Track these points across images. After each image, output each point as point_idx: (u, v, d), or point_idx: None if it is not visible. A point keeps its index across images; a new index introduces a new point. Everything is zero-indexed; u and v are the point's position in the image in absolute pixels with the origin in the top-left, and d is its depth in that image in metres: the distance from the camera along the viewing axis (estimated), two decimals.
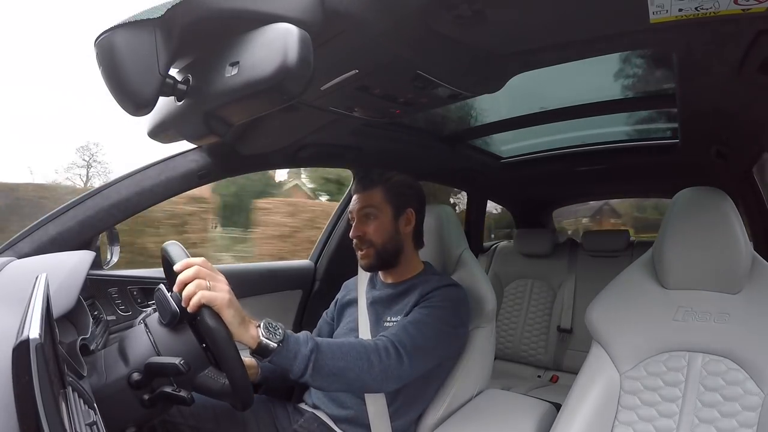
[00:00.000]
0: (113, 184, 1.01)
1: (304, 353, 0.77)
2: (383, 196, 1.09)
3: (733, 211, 0.88)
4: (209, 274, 0.71)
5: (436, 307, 0.98)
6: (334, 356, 0.81)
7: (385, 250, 1.08)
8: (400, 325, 0.95)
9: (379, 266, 1.11)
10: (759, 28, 0.64)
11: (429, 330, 0.94)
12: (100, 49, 0.52)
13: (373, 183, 1.10)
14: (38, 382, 0.38)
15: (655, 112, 1.48)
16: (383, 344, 0.88)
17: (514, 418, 1.04)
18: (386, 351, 0.86)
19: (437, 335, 0.96)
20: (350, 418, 1.02)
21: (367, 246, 1.08)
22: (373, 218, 1.08)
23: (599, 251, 2.21)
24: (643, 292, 0.95)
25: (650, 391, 0.89)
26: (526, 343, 2.22)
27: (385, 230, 1.08)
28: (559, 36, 0.73)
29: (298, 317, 1.51)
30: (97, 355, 0.73)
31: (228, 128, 0.62)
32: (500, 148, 1.84)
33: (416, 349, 0.90)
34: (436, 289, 1.02)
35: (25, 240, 0.92)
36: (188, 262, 0.72)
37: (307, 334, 0.81)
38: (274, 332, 0.75)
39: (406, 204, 1.11)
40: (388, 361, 0.86)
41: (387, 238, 1.08)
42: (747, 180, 1.56)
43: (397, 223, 1.09)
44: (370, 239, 1.07)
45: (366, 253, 1.08)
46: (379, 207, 1.08)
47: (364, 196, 1.10)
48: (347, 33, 0.65)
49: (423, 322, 0.95)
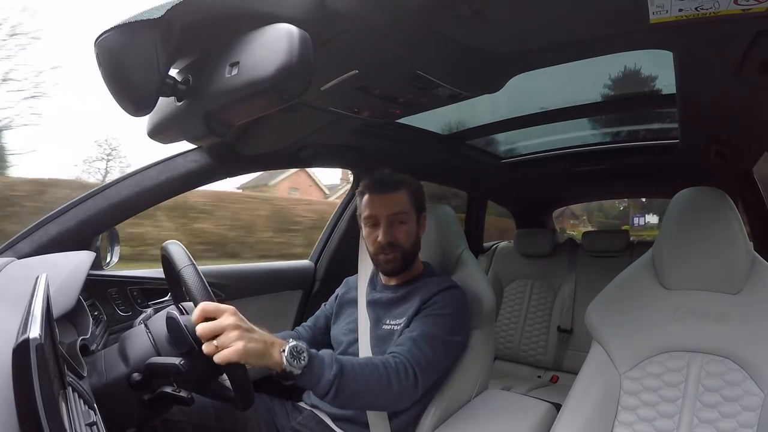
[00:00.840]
0: (113, 184, 1.01)
1: (327, 378, 0.78)
2: (409, 198, 1.07)
3: (733, 211, 0.88)
4: (232, 325, 0.69)
5: (441, 315, 0.98)
6: (356, 379, 0.81)
7: (410, 254, 1.07)
8: (411, 340, 0.93)
9: (402, 270, 1.09)
10: (759, 28, 0.64)
11: (438, 343, 0.95)
12: (101, 50, 0.53)
13: (398, 184, 1.07)
14: (38, 382, 0.38)
15: (655, 112, 1.48)
16: (402, 365, 0.88)
17: (514, 418, 1.04)
18: (405, 372, 0.87)
19: (444, 347, 0.97)
20: (348, 416, 1.02)
21: (395, 251, 1.05)
22: (403, 222, 1.05)
23: (599, 251, 2.21)
24: (643, 292, 0.95)
25: (650, 391, 0.89)
26: (526, 344, 2.22)
27: (413, 234, 1.07)
28: (559, 36, 0.73)
29: (298, 317, 1.51)
30: (97, 356, 0.73)
31: (228, 128, 0.62)
32: (500, 148, 1.84)
33: (429, 365, 0.92)
34: (437, 294, 1.02)
35: (25, 240, 0.92)
36: (217, 311, 0.69)
37: (331, 355, 0.81)
38: (298, 357, 0.75)
39: (423, 207, 1.11)
40: (406, 383, 0.87)
41: (413, 242, 1.07)
42: (747, 180, 1.56)
43: (418, 226, 1.09)
44: (401, 244, 1.05)
45: (392, 258, 1.05)
46: (407, 211, 1.06)
47: (390, 199, 1.06)
48: (347, 33, 0.65)
49: (432, 335, 0.95)
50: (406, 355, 0.90)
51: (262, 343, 0.71)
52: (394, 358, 0.89)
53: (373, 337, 1.07)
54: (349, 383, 0.80)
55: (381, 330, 1.06)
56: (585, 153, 1.75)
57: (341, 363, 0.81)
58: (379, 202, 1.06)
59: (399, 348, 0.93)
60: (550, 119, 1.43)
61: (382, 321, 1.07)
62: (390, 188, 1.06)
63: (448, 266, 1.23)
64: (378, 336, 1.06)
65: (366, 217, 1.08)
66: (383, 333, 1.06)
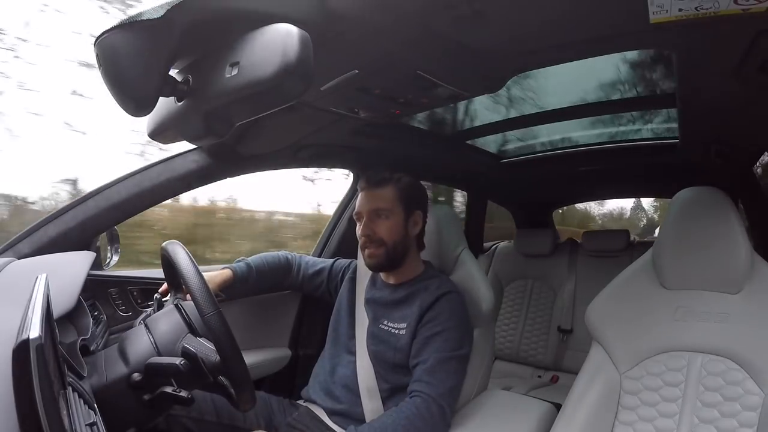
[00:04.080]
0: (113, 185, 1.01)
1: None
2: (395, 195, 1.07)
3: (733, 211, 0.88)
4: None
5: (446, 330, 0.99)
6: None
7: (395, 251, 1.07)
8: (428, 373, 0.95)
9: (386, 266, 1.09)
10: (759, 28, 0.64)
11: (453, 364, 0.98)
12: (101, 50, 0.52)
13: (384, 181, 1.08)
14: (38, 382, 0.38)
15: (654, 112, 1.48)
16: (425, 405, 0.92)
17: (514, 418, 1.04)
18: (429, 411, 0.91)
19: (459, 363, 1.00)
20: (344, 411, 1.03)
21: (377, 245, 1.06)
22: (385, 217, 1.06)
23: (599, 251, 2.21)
24: (643, 292, 0.95)
25: (650, 391, 0.89)
26: (527, 344, 2.22)
27: (396, 230, 1.07)
28: (559, 36, 0.73)
29: (298, 318, 1.51)
30: (97, 356, 0.73)
31: (228, 128, 0.62)
32: (500, 148, 1.84)
33: (451, 391, 0.96)
34: (437, 301, 1.02)
35: (25, 240, 0.92)
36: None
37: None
38: None
39: (415, 205, 1.10)
40: (434, 420, 0.91)
41: (397, 239, 1.07)
42: (747, 180, 1.56)
43: (406, 224, 1.08)
44: (381, 238, 1.06)
45: (375, 252, 1.06)
46: (390, 206, 1.07)
47: (375, 194, 1.07)
48: (347, 33, 0.65)
49: (445, 358, 0.97)
50: (428, 392, 0.93)
51: None
52: (418, 399, 0.93)
53: (370, 335, 1.08)
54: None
55: (378, 329, 1.07)
56: (585, 153, 1.75)
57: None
58: (364, 198, 1.09)
59: (419, 385, 0.95)
60: (550, 119, 1.43)
61: (380, 320, 1.08)
62: (375, 185, 1.08)
63: (448, 266, 1.23)
64: (375, 334, 1.07)
65: (354, 213, 1.11)
66: (381, 332, 1.07)
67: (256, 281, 1.17)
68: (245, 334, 1.24)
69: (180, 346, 0.72)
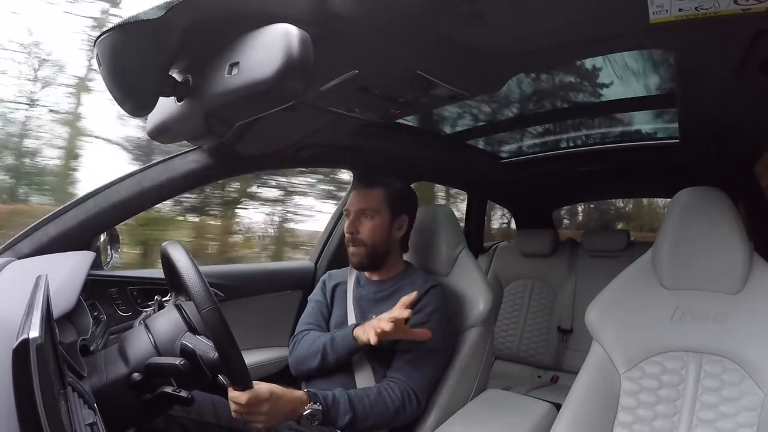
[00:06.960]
0: (113, 185, 1.01)
1: (341, 424, 0.92)
2: (383, 197, 1.12)
3: (733, 211, 0.88)
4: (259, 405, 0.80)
5: (433, 321, 1.04)
6: (367, 417, 0.95)
7: (376, 252, 1.11)
8: (409, 364, 1.02)
9: (367, 266, 1.14)
10: (759, 28, 0.64)
11: (433, 357, 1.05)
12: (101, 50, 0.53)
13: (375, 183, 1.13)
14: (38, 382, 0.38)
15: (654, 112, 1.48)
16: (406, 393, 0.99)
17: (514, 418, 1.04)
18: (409, 399, 0.99)
19: (439, 357, 1.06)
20: None
21: (359, 245, 1.11)
22: (370, 218, 1.11)
23: (599, 251, 2.21)
24: (643, 292, 0.95)
25: (650, 391, 0.88)
26: (526, 344, 2.22)
27: (378, 231, 1.11)
28: (559, 36, 0.73)
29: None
30: (97, 356, 0.73)
31: (228, 128, 0.62)
32: (500, 148, 1.84)
33: (428, 383, 1.04)
34: (426, 293, 1.07)
35: (25, 240, 0.92)
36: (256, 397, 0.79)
37: (346, 403, 0.93)
38: (312, 418, 0.89)
39: (402, 209, 1.15)
40: (410, 409, 0.99)
41: (379, 241, 1.11)
42: (747, 180, 1.56)
43: (391, 227, 1.13)
44: (363, 239, 1.10)
45: (357, 251, 1.11)
46: (377, 208, 1.11)
47: (364, 195, 1.12)
48: (347, 33, 0.65)
49: (426, 351, 1.02)
50: (407, 381, 1.00)
51: (283, 409, 0.85)
52: (397, 387, 0.99)
53: None
54: (361, 422, 0.94)
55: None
56: (585, 153, 1.75)
57: (354, 405, 0.93)
58: (354, 197, 1.14)
59: (398, 373, 1.01)
60: (550, 119, 1.43)
61: (367, 316, 1.10)
62: (366, 185, 1.14)
63: (447, 265, 1.23)
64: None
65: (344, 209, 1.16)
66: None
67: None
68: (245, 333, 1.25)
69: (179, 344, 0.72)
